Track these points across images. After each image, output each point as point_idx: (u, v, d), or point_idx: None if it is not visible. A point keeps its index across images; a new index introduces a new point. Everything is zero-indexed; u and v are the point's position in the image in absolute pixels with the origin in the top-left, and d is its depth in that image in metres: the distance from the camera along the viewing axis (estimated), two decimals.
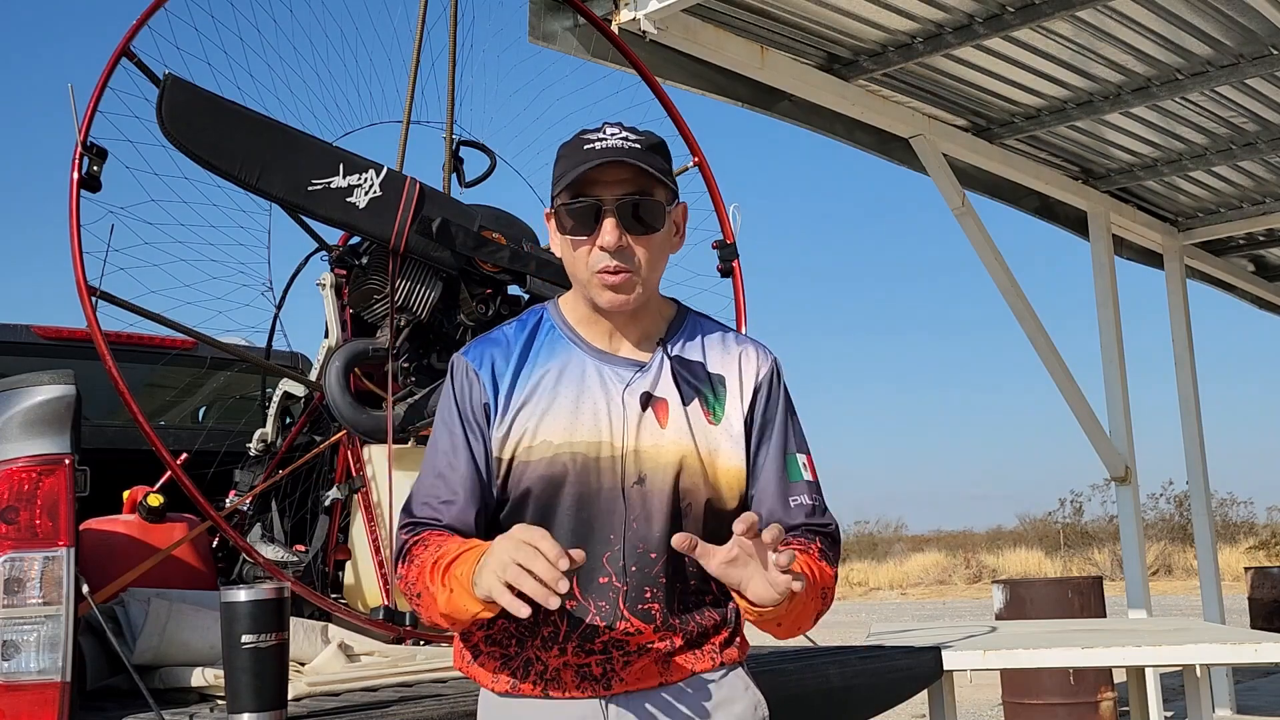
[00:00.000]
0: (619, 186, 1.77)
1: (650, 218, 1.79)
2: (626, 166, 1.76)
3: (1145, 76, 6.59)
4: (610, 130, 1.78)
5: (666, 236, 1.84)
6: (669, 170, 1.83)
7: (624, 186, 1.77)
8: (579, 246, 1.79)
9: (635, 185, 1.77)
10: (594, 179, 1.76)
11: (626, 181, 1.77)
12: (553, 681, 1.80)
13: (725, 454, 1.84)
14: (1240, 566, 16.12)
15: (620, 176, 1.76)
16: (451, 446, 1.85)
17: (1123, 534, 8.24)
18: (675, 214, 1.86)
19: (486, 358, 1.88)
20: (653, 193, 1.79)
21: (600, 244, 1.76)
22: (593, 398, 1.83)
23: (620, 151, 1.74)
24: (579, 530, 1.79)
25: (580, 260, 1.80)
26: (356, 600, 3.58)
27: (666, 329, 1.91)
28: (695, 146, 4.30)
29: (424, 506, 1.85)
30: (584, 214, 1.77)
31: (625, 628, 1.79)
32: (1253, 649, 4.06)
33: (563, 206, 1.79)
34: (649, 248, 1.80)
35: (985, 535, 37.91)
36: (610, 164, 1.74)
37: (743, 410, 1.87)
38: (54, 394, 2.54)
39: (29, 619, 2.46)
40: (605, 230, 1.76)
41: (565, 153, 1.81)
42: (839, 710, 3.50)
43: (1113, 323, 8.10)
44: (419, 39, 3.83)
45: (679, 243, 1.91)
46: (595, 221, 1.77)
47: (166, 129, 3.10)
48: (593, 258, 1.78)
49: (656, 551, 1.80)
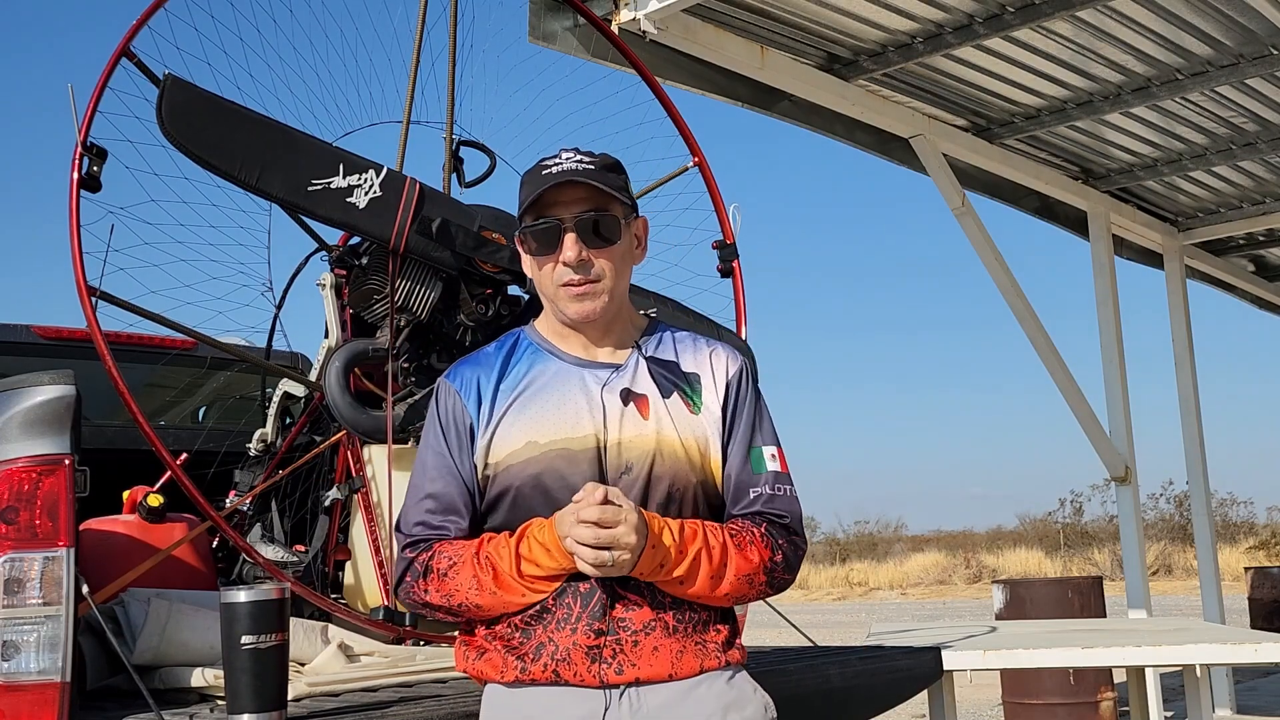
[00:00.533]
0: (576, 205, 1.92)
1: (608, 232, 1.94)
2: (581, 186, 1.91)
3: (1145, 76, 6.59)
4: (566, 155, 1.95)
5: (627, 249, 1.99)
6: (624, 186, 1.98)
7: (580, 205, 1.92)
8: (544, 264, 1.95)
9: (591, 203, 1.93)
10: (553, 200, 1.92)
11: (582, 200, 1.92)
12: (564, 662, 1.86)
13: (710, 441, 1.96)
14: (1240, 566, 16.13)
15: (576, 196, 1.92)
16: (439, 467, 1.97)
17: (1123, 534, 8.25)
18: (636, 227, 2.02)
19: (469, 378, 2.01)
20: (608, 209, 1.94)
21: (562, 259, 1.92)
22: (574, 398, 1.95)
23: (574, 173, 1.91)
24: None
25: (546, 277, 1.96)
26: (356, 600, 3.58)
27: (639, 335, 2.04)
28: (695, 146, 4.29)
29: (420, 527, 1.96)
30: (545, 234, 1.93)
31: (627, 604, 1.87)
32: (1253, 649, 4.06)
33: (526, 229, 1.95)
34: (610, 259, 1.94)
35: (985, 535, 37.93)
36: (566, 184, 1.90)
37: (718, 402, 2.00)
38: (54, 394, 2.54)
39: (29, 619, 2.46)
40: (565, 246, 1.92)
41: (526, 179, 1.97)
42: (839, 710, 3.50)
43: (1113, 323, 8.10)
44: (419, 39, 3.83)
45: (641, 254, 2.06)
46: (557, 239, 1.92)
47: (166, 129, 3.10)
48: (557, 273, 1.94)
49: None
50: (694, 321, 3.87)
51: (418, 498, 1.98)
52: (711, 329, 3.91)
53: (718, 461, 1.96)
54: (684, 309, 3.90)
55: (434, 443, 1.99)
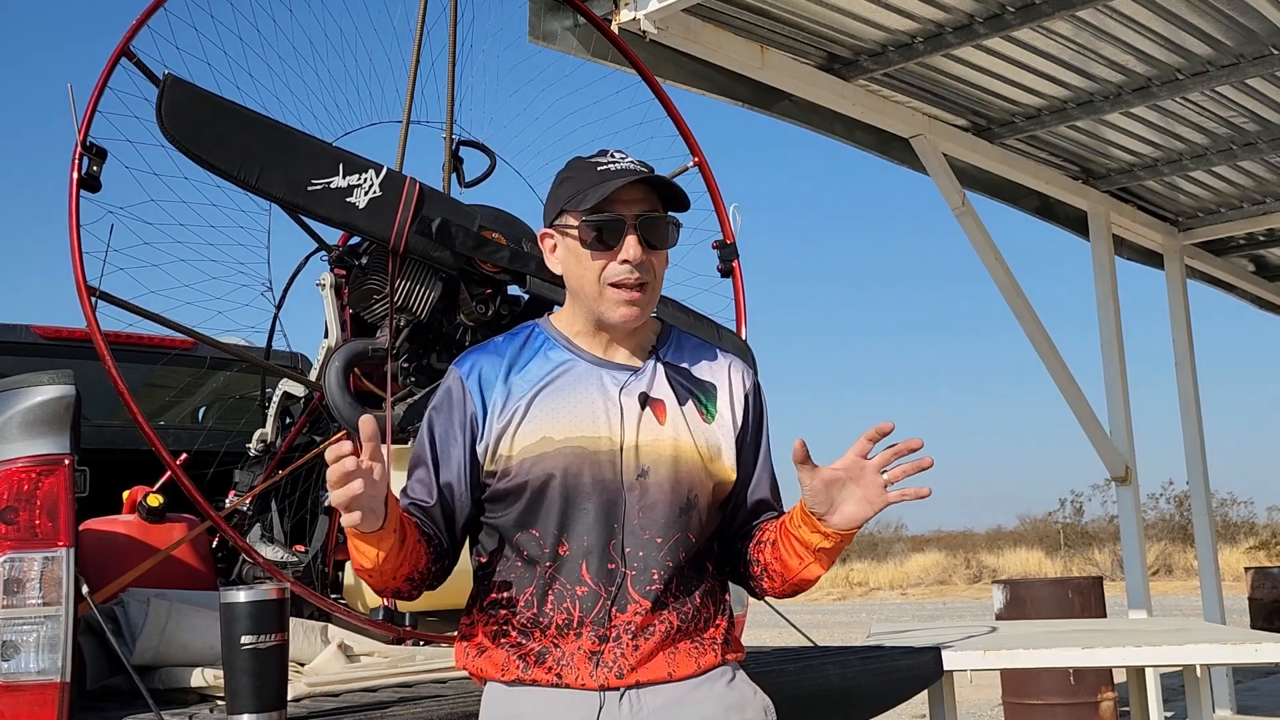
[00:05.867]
0: (638, 205, 1.91)
1: (667, 236, 1.94)
2: (644, 186, 1.91)
3: (1145, 76, 6.59)
4: (619, 155, 1.93)
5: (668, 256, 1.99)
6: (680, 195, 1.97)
7: (642, 205, 1.91)
8: (596, 259, 1.91)
9: (652, 204, 1.92)
10: (615, 198, 1.89)
11: (643, 200, 1.92)
12: (567, 666, 1.87)
13: (722, 449, 1.98)
14: (1240, 566, 16.12)
15: (638, 195, 1.91)
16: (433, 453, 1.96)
17: (1123, 534, 8.24)
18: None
19: (475, 368, 1.99)
20: (664, 212, 1.94)
21: (624, 256, 1.89)
22: (591, 397, 1.93)
23: (639, 174, 1.89)
24: (584, 520, 1.89)
25: (593, 272, 1.92)
26: (356, 600, 3.58)
27: (656, 340, 2.05)
28: (695, 146, 4.29)
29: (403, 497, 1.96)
30: (610, 228, 1.90)
31: (635, 609, 1.87)
32: (1253, 649, 4.05)
33: (585, 223, 1.90)
34: (660, 264, 1.95)
35: (985, 535, 37.92)
36: (632, 183, 1.88)
37: (734, 413, 2.01)
38: (54, 394, 2.54)
39: (29, 619, 2.46)
40: (628, 244, 1.89)
41: (573, 175, 1.94)
42: (839, 711, 3.50)
43: (1113, 323, 8.10)
44: (419, 39, 3.83)
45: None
46: (620, 236, 1.90)
47: (166, 129, 3.10)
48: (609, 270, 1.91)
49: (663, 537, 1.90)
50: (694, 321, 3.87)
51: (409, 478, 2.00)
52: (712, 329, 3.91)
53: (728, 468, 1.98)
54: (684, 309, 3.90)
55: (425, 427, 1.99)
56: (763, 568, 1.96)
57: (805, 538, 1.86)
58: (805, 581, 1.94)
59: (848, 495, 1.81)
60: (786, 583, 1.95)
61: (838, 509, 1.82)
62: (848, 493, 1.81)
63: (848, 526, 1.82)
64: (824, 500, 1.81)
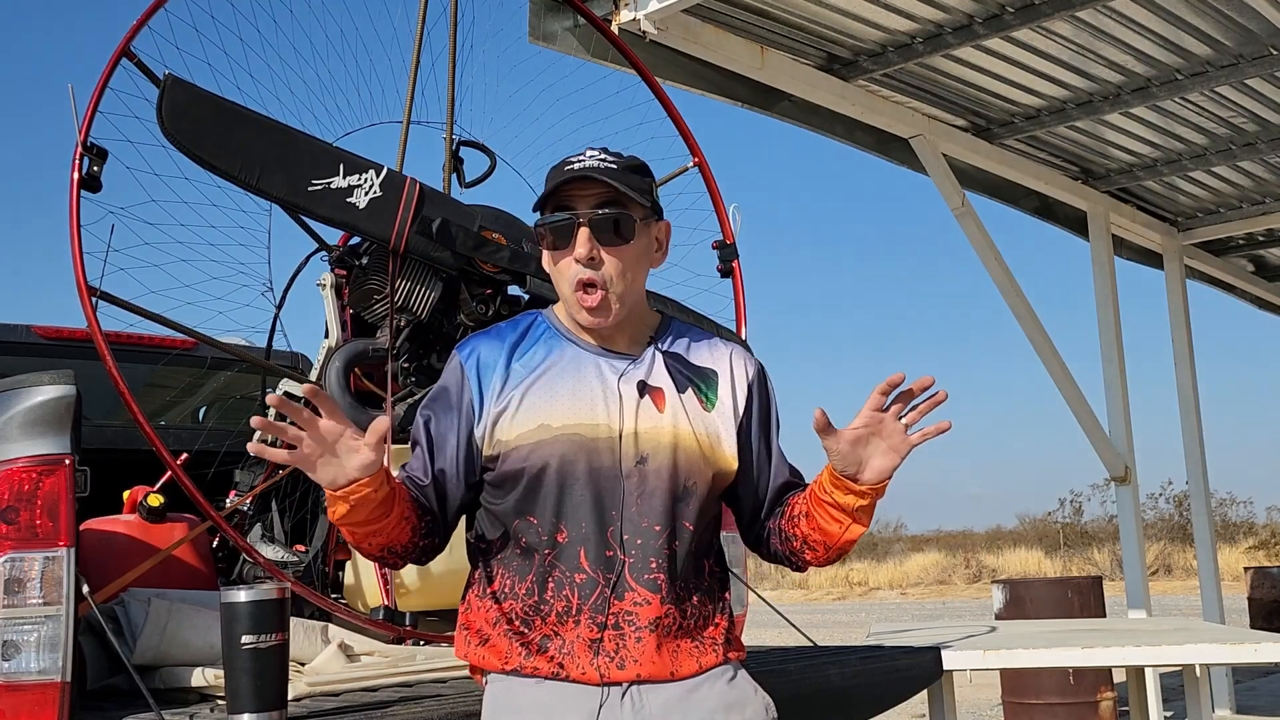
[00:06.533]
0: (588, 201, 1.91)
1: (623, 230, 1.92)
2: (598, 182, 1.90)
3: (1145, 76, 6.59)
4: (590, 153, 1.94)
5: (644, 250, 1.97)
6: (646, 188, 1.97)
7: (593, 200, 1.91)
8: (559, 259, 1.94)
9: (606, 200, 1.91)
10: (570, 195, 1.91)
11: (597, 196, 1.91)
12: (569, 655, 1.87)
13: (722, 438, 1.98)
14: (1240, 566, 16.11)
15: (592, 191, 1.91)
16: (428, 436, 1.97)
17: (1122, 534, 8.24)
18: (657, 230, 2.01)
19: (475, 353, 2.00)
20: (624, 207, 1.92)
21: (575, 255, 1.91)
22: (589, 384, 1.95)
23: (593, 170, 1.90)
24: (582, 507, 1.90)
25: (562, 274, 1.95)
26: (356, 600, 3.58)
27: (655, 331, 2.05)
28: (695, 146, 4.30)
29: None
30: (560, 227, 1.92)
31: (634, 598, 1.88)
32: (1252, 649, 4.06)
33: (542, 222, 1.95)
34: (621, 259, 1.92)
35: (985, 535, 37.89)
36: (583, 180, 1.90)
37: (736, 402, 2.01)
38: (54, 394, 2.55)
39: (29, 619, 2.46)
40: (578, 241, 1.90)
41: (549, 175, 1.96)
42: (839, 710, 3.50)
43: (1112, 323, 8.10)
44: (419, 39, 3.83)
45: (660, 258, 2.05)
46: (570, 234, 1.91)
47: (166, 129, 3.10)
48: (570, 270, 1.92)
49: (661, 525, 1.91)
50: (694, 321, 3.87)
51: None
52: (712, 329, 3.91)
53: (728, 456, 1.98)
54: (684, 309, 3.90)
55: (423, 409, 2.00)
56: (803, 540, 1.97)
57: (841, 501, 1.87)
58: (849, 543, 1.94)
59: (873, 450, 1.83)
60: (830, 549, 1.95)
61: (867, 464, 1.84)
62: (873, 447, 1.83)
63: (879, 479, 1.84)
64: (853, 460, 1.83)
